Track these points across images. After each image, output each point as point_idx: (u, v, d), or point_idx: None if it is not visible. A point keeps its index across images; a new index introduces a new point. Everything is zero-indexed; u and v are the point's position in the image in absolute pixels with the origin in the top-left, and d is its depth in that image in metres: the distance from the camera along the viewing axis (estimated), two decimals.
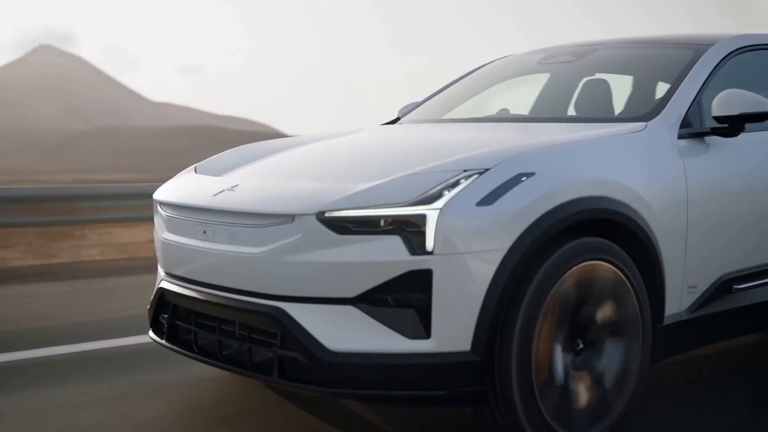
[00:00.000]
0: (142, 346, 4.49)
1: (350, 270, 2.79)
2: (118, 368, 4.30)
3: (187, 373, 4.14)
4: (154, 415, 3.59)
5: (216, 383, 4.01)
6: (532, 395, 2.87)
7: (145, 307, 3.68)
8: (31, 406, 3.71)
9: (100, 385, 4.00)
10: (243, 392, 3.87)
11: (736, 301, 3.70)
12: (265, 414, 3.59)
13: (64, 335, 5.00)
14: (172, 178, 3.88)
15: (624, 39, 4.55)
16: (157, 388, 3.96)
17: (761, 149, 3.85)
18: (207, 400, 3.82)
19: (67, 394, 3.88)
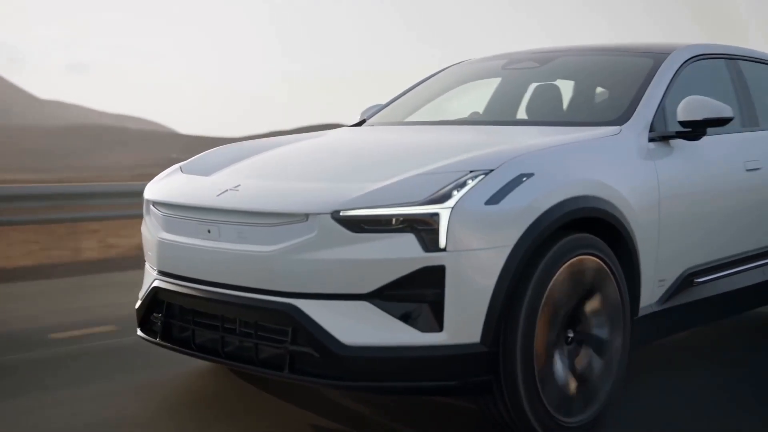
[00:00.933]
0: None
1: (365, 267, 2.90)
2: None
3: (164, 370, 4.21)
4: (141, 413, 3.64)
5: (201, 379, 4.08)
6: (534, 383, 3.04)
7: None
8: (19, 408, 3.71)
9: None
10: (227, 388, 3.94)
11: (698, 293, 3.98)
12: (256, 409, 3.67)
13: None
14: (157, 178, 3.91)
15: (585, 46, 4.80)
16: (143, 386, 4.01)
17: (720, 152, 4.15)
18: (195, 395, 3.88)
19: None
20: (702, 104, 3.83)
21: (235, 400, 3.80)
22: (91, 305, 6.16)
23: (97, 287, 7.19)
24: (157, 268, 3.56)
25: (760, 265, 4.46)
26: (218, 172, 3.70)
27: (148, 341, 3.66)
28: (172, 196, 3.55)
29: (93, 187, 9.37)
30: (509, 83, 4.85)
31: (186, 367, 4.26)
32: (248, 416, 3.58)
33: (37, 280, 7.57)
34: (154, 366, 4.32)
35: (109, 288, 7.06)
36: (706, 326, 4.85)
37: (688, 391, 4.00)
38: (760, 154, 4.46)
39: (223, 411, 3.65)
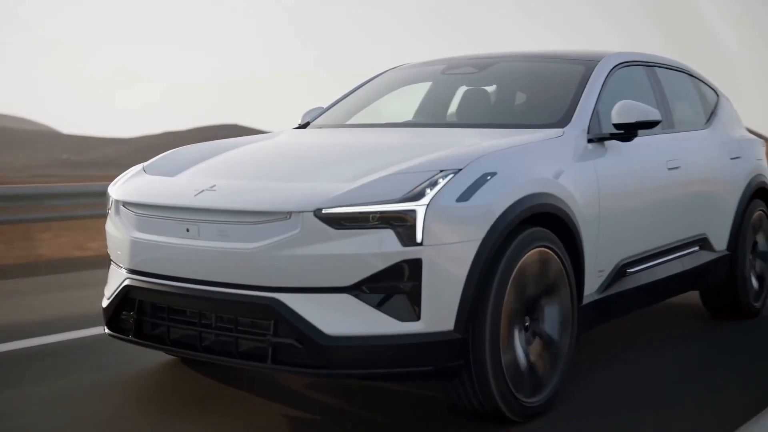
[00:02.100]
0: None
1: (347, 261, 3.06)
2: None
3: (125, 368, 4.26)
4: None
5: (165, 374, 4.14)
6: (500, 366, 3.27)
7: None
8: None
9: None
10: (192, 382, 4.03)
11: (630, 282, 4.29)
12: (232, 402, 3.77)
13: None
14: (120, 178, 3.96)
15: (520, 53, 5.07)
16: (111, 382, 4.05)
17: (646, 152, 4.47)
18: (161, 390, 3.94)
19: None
20: (633, 108, 4.14)
21: (200, 393, 3.89)
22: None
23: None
24: (128, 267, 3.60)
25: (679, 256, 4.82)
26: (184, 173, 3.79)
27: (118, 338, 3.71)
28: (145, 196, 3.61)
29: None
30: (448, 87, 5.06)
31: (147, 364, 4.33)
32: (217, 409, 3.68)
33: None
34: (112, 364, 4.37)
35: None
36: (637, 312, 5.20)
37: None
38: (678, 155, 4.82)
39: (190, 404, 3.74)
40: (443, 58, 5.35)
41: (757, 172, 5.73)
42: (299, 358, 3.14)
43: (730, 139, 5.61)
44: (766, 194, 5.83)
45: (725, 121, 5.74)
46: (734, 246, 5.36)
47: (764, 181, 5.80)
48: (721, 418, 3.59)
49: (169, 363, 4.37)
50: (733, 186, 5.40)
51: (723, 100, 5.92)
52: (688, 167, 4.86)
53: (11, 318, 5.70)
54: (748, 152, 5.76)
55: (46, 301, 6.38)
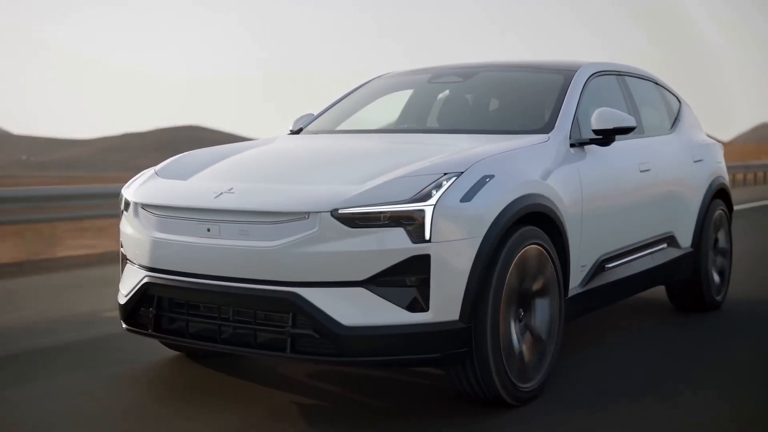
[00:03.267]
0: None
1: (361, 257, 3.26)
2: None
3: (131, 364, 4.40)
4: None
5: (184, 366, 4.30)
6: (500, 353, 3.49)
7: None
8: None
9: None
10: (200, 375, 4.19)
11: (608, 277, 4.55)
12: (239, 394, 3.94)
13: None
14: (135, 182, 4.10)
15: (501, 63, 5.30)
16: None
17: (621, 156, 4.73)
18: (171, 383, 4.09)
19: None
20: (611, 115, 4.39)
21: (207, 385, 4.06)
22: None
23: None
24: (148, 265, 3.75)
25: (650, 252, 5.09)
26: (196, 176, 3.95)
27: (135, 333, 3.87)
28: (165, 198, 3.77)
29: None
30: (435, 95, 5.27)
31: (156, 359, 4.48)
32: (226, 398, 3.84)
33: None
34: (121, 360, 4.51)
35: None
36: (613, 305, 5.48)
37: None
38: (648, 158, 5.09)
39: (198, 394, 3.90)
40: (428, 67, 5.55)
41: (717, 174, 6.05)
42: (317, 347, 3.33)
43: (692, 143, 5.91)
44: (725, 195, 6.15)
45: (688, 127, 6.04)
46: (698, 243, 5.65)
47: (724, 183, 6.12)
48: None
49: (176, 358, 4.51)
50: (696, 187, 5.70)
51: (685, 107, 6.23)
52: (657, 170, 5.13)
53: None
54: (710, 155, 6.07)
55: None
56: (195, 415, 3.62)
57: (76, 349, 4.83)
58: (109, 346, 4.83)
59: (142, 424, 3.52)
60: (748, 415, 3.71)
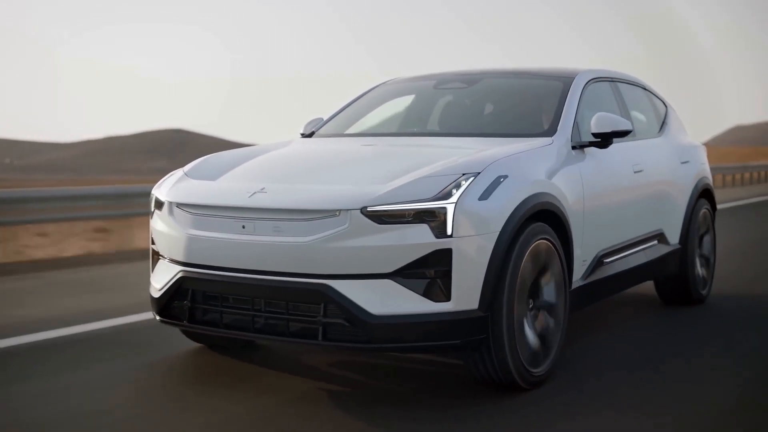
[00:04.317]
0: None
1: (389, 251, 3.46)
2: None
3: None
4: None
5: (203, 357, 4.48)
6: (514, 340, 3.70)
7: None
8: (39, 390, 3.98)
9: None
10: (221, 363, 4.37)
11: (606, 271, 4.77)
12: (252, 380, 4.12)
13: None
14: (165, 182, 4.27)
15: (502, 69, 5.52)
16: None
17: (617, 158, 4.96)
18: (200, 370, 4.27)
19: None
20: (609, 119, 4.62)
21: (228, 373, 4.24)
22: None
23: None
24: (183, 261, 3.92)
25: (642, 248, 5.32)
26: (224, 177, 4.13)
27: (169, 324, 4.05)
28: (200, 198, 3.95)
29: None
30: (443, 100, 5.47)
31: (177, 350, 4.66)
32: (245, 387, 4.03)
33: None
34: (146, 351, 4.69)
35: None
36: (610, 297, 5.73)
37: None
38: (640, 160, 5.33)
39: (219, 382, 4.08)
40: (432, 73, 5.75)
41: (702, 174, 6.31)
42: (346, 335, 3.53)
43: (679, 146, 6.16)
44: (709, 194, 6.41)
45: (674, 130, 6.30)
46: (685, 240, 5.89)
47: (708, 183, 6.38)
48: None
49: (197, 348, 4.68)
50: (683, 187, 5.95)
51: (671, 111, 6.48)
52: (648, 171, 5.37)
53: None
54: (695, 157, 6.33)
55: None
56: (229, 397, 3.80)
57: (102, 340, 4.99)
58: (133, 338, 4.99)
59: (178, 406, 3.70)
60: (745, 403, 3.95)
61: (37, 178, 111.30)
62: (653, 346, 4.90)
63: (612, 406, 3.72)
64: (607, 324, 5.51)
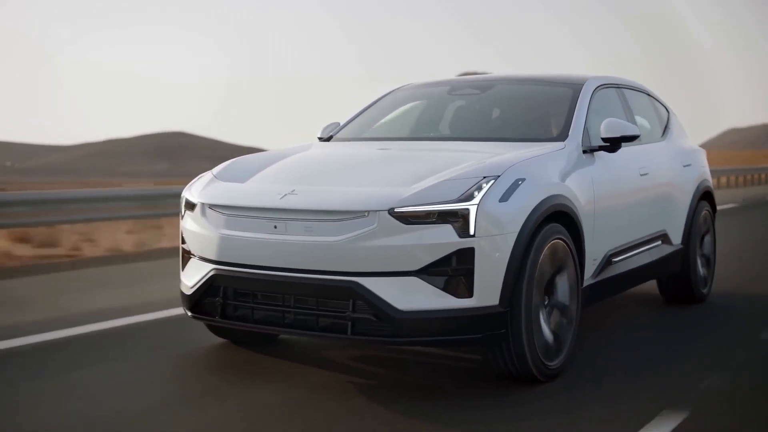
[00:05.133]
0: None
1: (415, 250, 3.61)
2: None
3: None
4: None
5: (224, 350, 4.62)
6: (532, 335, 3.85)
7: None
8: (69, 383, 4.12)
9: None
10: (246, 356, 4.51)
11: (614, 270, 4.92)
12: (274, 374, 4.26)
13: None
14: (195, 184, 4.41)
15: (513, 76, 5.66)
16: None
17: (624, 161, 5.10)
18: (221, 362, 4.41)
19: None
20: (618, 125, 4.77)
21: (255, 366, 4.38)
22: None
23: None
24: (215, 259, 4.06)
25: (647, 248, 5.47)
26: (252, 179, 4.28)
27: (201, 320, 4.20)
28: (233, 199, 4.09)
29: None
30: (457, 105, 5.60)
31: (203, 344, 4.79)
32: (272, 379, 4.17)
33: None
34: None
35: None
36: (617, 295, 5.88)
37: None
38: (646, 163, 5.48)
39: (258, 371, 4.22)
40: (444, 79, 5.89)
41: (703, 177, 6.46)
42: (374, 329, 3.68)
43: (681, 149, 6.31)
44: (710, 196, 6.57)
45: (676, 134, 6.45)
46: (687, 240, 6.04)
47: (709, 186, 6.54)
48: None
49: (223, 343, 4.81)
50: (685, 189, 6.10)
51: (672, 116, 6.63)
52: (653, 174, 5.52)
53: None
54: (696, 160, 6.48)
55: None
56: (260, 387, 3.95)
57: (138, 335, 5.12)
58: (158, 334, 5.13)
59: (212, 397, 3.84)
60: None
61: (39, 180, 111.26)
62: (654, 342, 5.04)
63: (618, 394, 3.88)
64: (612, 322, 5.65)
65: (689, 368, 4.43)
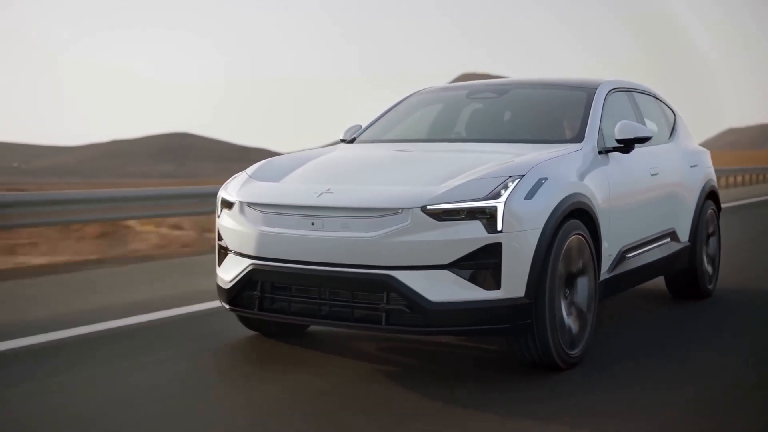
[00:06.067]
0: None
1: (446, 245, 3.77)
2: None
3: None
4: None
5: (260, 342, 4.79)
6: (555, 325, 4.02)
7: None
8: (107, 372, 4.29)
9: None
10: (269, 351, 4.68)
11: (628, 265, 5.08)
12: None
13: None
14: (231, 184, 4.57)
15: (528, 80, 5.83)
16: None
17: (636, 162, 5.26)
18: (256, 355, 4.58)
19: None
20: (632, 127, 4.94)
21: (285, 357, 4.54)
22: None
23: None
24: (254, 255, 4.22)
25: (658, 245, 5.63)
26: (286, 179, 4.44)
27: (239, 313, 4.37)
28: (272, 198, 4.25)
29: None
30: (474, 108, 5.76)
31: (237, 336, 4.96)
32: (302, 370, 4.34)
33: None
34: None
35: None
36: (629, 290, 6.05)
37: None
38: (656, 164, 5.64)
39: (291, 361, 4.38)
40: (462, 83, 6.05)
41: (708, 177, 6.63)
42: (407, 320, 3.85)
43: (688, 151, 6.48)
44: (715, 196, 6.73)
45: (683, 136, 6.61)
46: (694, 238, 6.20)
47: (714, 186, 6.70)
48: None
49: (254, 335, 4.98)
50: (692, 189, 6.26)
51: (679, 119, 6.79)
52: (663, 174, 5.69)
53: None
54: (702, 161, 6.65)
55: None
56: (295, 374, 4.12)
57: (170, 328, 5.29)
58: (196, 326, 5.30)
59: (250, 384, 4.01)
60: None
61: (47, 181, 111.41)
62: (666, 334, 5.21)
63: (631, 380, 4.05)
64: (623, 316, 5.82)
65: (700, 357, 4.58)
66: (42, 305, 6.15)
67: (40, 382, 4.05)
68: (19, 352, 4.64)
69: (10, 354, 4.60)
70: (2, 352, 4.63)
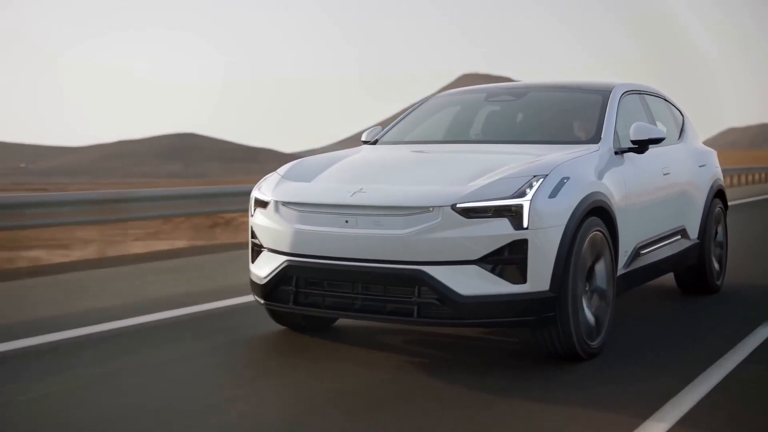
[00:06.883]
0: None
1: (474, 241, 3.93)
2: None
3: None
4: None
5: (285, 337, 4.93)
6: (577, 317, 4.17)
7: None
8: (141, 364, 4.44)
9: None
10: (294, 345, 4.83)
11: (642, 261, 5.23)
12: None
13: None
14: (264, 184, 4.71)
15: (544, 83, 5.98)
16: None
17: (649, 161, 5.40)
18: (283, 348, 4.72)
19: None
20: (646, 128, 5.08)
21: (313, 352, 4.69)
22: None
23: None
24: (289, 252, 4.36)
25: (669, 242, 5.78)
26: (317, 179, 4.59)
27: (274, 307, 4.52)
28: (305, 197, 4.41)
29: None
30: (493, 111, 5.89)
31: (268, 330, 5.10)
32: (328, 363, 4.48)
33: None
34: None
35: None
36: (645, 285, 6.19)
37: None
38: (667, 163, 5.78)
39: (322, 354, 4.53)
40: (480, 86, 6.19)
41: (716, 177, 6.78)
42: (438, 312, 4.00)
43: (696, 151, 6.62)
44: (722, 194, 6.88)
45: (691, 137, 6.76)
46: (702, 235, 6.35)
47: (721, 185, 6.85)
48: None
49: (283, 330, 5.11)
50: (701, 188, 6.41)
51: (687, 120, 6.94)
52: (674, 173, 5.83)
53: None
54: (710, 161, 6.80)
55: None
56: (326, 366, 4.27)
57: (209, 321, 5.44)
58: (226, 321, 5.45)
59: (282, 378, 4.15)
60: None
61: (56, 182, 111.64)
62: (673, 329, 5.35)
63: (645, 370, 4.21)
64: (636, 311, 5.96)
65: (708, 350, 4.73)
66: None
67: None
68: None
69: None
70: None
